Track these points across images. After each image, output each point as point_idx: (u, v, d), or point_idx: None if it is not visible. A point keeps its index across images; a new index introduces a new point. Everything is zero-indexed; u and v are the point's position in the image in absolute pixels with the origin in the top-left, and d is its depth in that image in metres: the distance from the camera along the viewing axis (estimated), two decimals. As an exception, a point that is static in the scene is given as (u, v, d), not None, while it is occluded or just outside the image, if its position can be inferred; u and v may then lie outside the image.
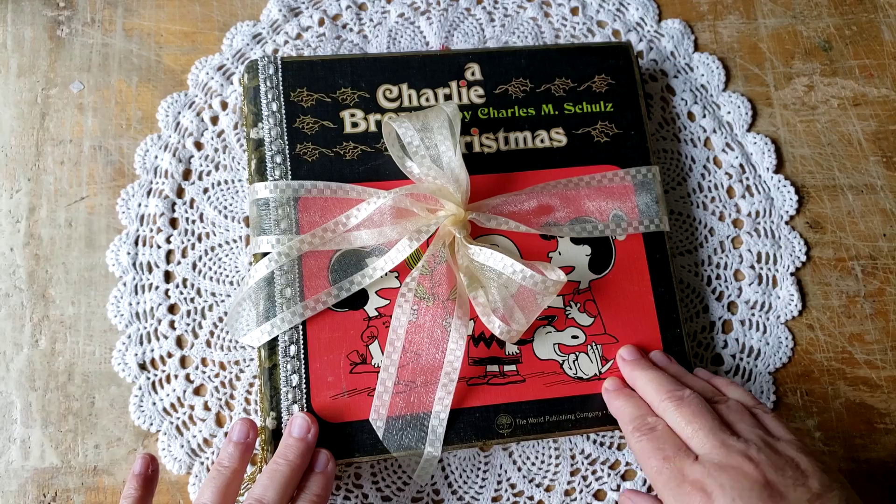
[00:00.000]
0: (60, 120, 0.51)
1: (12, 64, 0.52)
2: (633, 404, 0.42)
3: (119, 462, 0.46)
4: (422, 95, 0.48)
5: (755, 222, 0.52)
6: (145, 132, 0.51)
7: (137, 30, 0.53)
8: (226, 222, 0.50)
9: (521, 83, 0.49)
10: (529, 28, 0.55)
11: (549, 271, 0.41)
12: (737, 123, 0.54)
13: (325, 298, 0.43)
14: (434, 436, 0.42)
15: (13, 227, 0.49)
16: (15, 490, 0.45)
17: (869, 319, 0.51)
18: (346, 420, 0.43)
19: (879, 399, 0.50)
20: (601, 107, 0.50)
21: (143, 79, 0.52)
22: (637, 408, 0.41)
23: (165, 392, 0.47)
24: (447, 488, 0.47)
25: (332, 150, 0.46)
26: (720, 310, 0.51)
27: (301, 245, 0.43)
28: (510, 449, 0.48)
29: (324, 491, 0.40)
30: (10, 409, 0.47)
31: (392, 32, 0.54)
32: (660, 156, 0.53)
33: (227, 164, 0.51)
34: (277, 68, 0.47)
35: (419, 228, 0.43)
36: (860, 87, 0.56)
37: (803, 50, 0.57)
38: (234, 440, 0.41)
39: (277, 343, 0.43)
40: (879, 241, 0.53)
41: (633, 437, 0.40)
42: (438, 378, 0.43)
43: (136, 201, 0.50)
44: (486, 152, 0.48)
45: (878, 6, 0.58)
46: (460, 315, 0.43)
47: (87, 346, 0.48)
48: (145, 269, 0.49)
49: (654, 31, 0.56)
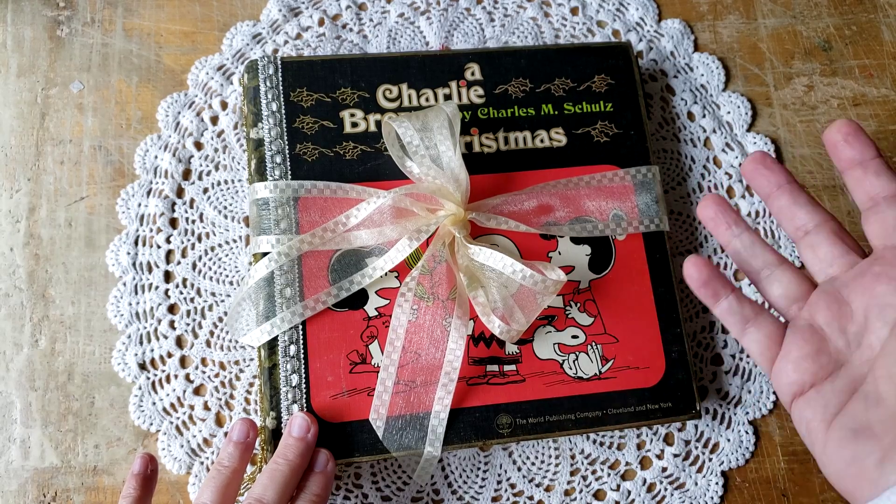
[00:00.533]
0: (60, 120, 0.51)
1: (12, 64, 0.52)
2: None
3: (119, 462, 0.46)
4: (422, 95, 0.48)
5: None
6: (145, 132, 0.51)
7: (137, 30, 0.53)
8: (226, 222, 0.50)
9: (521, 83, 0.49)
10: (529, 28, 0.55)
11: (549, 271, 0.41)
12: (737, 123, 0.54)
13: (324, 298, 0.43)
14: (434, 436, 0.42)
15: (13, 227, 0.49)
16: (15, 490, 0.45)
17: (869, 319, 0.51)
18: (345, 420, 0.43)
19: (879, 399, 0.50)
20: (601, 107, 0.50)
21: (143, 79, 0.52)
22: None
23: (165, 392, 0.47)
24: (447, 488, 0.47)
25: (332, 150, 0.46)
26: (720, 310, 0.51)
27: (301, 245, 0.43)
28: (510, 449, 0.48)
29: (323, 491, 0.40)
30: (10, 409, 0.47)
31: (392, 32, 0.54)
32: (660, 156, 0.53)
33: (227, 164, 0.51)
34: (277, 68, 0.47)
35: (419, 228, 0.43)
36: (860, 87, 0.56)
37: (803, 50, 0.57)
38: (235, 440, 0.41)
39: (277, 343, 0.43)
40: (879, 240, 0.53)
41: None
42: (438, 378, 0.43)
43: (136, 201, 0.50)
44: (486, 152, 0.48)
45: (878, 6, 0.58)
46: (460, 315, 0.43)
47: (87, 346, 0.48)
48: (145, 269, 0.49)
49: (654, 31, 0.56)
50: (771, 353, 0.35)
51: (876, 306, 0.32)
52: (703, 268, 0.36)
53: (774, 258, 0.36)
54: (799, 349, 0.33)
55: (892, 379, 0.30)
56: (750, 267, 0.37)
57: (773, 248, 0.37)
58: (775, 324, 0.35)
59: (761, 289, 0.36)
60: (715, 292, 0.36)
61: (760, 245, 0.37)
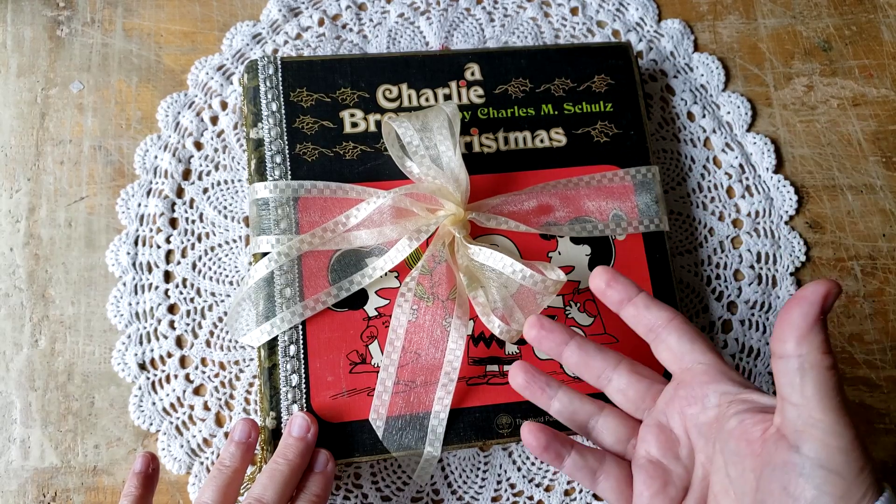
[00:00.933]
0: (60, 120, 0.51)
1: (12, 64, 0.52)
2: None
3: (119, 462, 0.46)
4: (421, 95, 0.48)
5: (755, 222, 0.52)
6: (145, 132, 0.51)
7: (137, 30, 0.53)
8: (226, 222, 0.50)
9: (521, 83, 0.49)
10: (529, 28, 0.55)
11: (549, 271, 0.41)
12: (736, 123, 0.54)
13: (324, 298, 0.43)
14: (434, 436, 0.42)
15: (13, 227, 0.49)
16: (15, 490, 0.45)
17: (868, 319, 0.51)
18: (345, 420, 0.43)
19: (879, 399, 0.50)
20: (601, 107, 0.50)
21: (143, 79, 0.52)
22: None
23: (165, 392, 0.47)
24: (447, 488, 0.47)
25: (332, 150, 0.46)
26: (720, 310, 0.51)
27: (301, 245, 0.43)
28: (510, 449, 0.48)
29: (323, 491, 0.40)
30: (10, 409, 0.47)
31: (392, 32, 0.54)
32: (659, 156, 0.53)
33: (227, 164, 0.51)
34: (277, 68, 0.47)
35: (419, 228, 0.43)
36: (860, 88, 0.56)
37: (803, 50, 0.57)
38: (236, 440, 0.41)
39: (277, 343, 0.43)
40: (879, 241, 0.53)
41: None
42: (438, 378, 0.43)
43: (136, 201, 0.50)
44: (486, 152, 0.48)
45: (878, 6, 0.58)
46: (460, 315, 0.43)
47: (87, 346, 0.48)
48: (145, 269, 0.49)
49: (654, 31, 0.56)
50: (625, 496, 0.37)
51: (693, 427, 0.35)
52: (539, 433, 0.38)
53: (594, 406, 0.39)
54: (648, 487, 0.35)
55: (728, 493, 0.32)
56: (576, 423, 0.39)
57: (590, 398, 0.39)
58: (621, 465, 0.38)
59: (594, 440, 0.39)
60: (558, 454, 0.38)
61: (579, 398, 0.39)
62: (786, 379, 0.29)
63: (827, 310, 0.29)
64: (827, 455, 0.28)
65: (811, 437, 0.28)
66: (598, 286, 0.39)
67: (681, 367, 0.36)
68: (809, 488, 0.28)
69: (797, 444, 0.29)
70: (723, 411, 0.33)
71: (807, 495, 0.28)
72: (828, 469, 0.28)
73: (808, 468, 0.28)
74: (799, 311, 0.29)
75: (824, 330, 0.29)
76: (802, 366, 0.29)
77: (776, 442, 0.30)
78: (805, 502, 0.28)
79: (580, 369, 0.39)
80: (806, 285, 0.29)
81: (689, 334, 0.36)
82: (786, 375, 0.29)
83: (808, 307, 0.29)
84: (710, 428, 0.34)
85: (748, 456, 0.31)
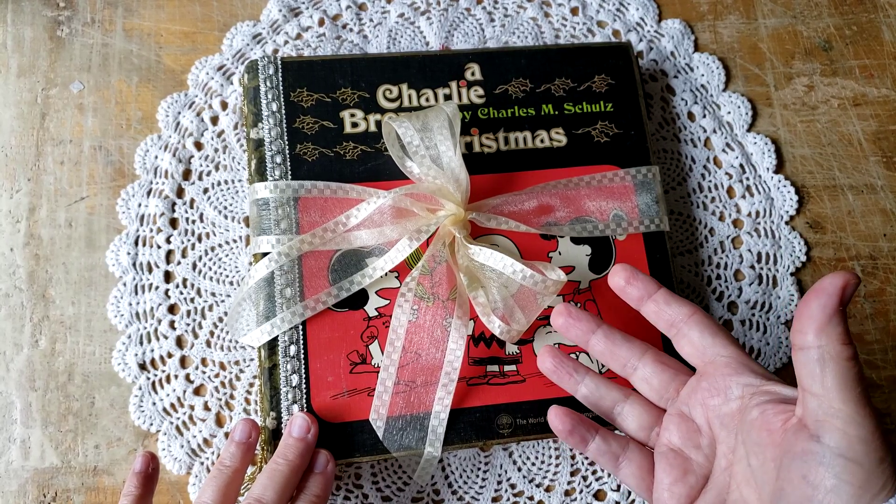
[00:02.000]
0: (60, 120, 0.51)
1: (12, 64, 0.52)
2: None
3: (119, 462, 0.46)
4: (422, 95, 0.48)
5: (755, 222, 0.52)
6: (145, 132, 0.51)
7: (137, 30, 0.53)
8: (226, 222, 0.50)
9: (521, 83, 0.49)
10: (529, 28, 0.55)
11: (550, 271, 0.41)
12: (737, 123, 0.54)
13: (325, 298, 0.43)
14: (434, 436, 0.42)
15: (13, 227, 0.49)
16: (15, 490, 0.45)
17: (869, 319, 0.51)
18: (345, 420, 0.42)
19: (880, 399, 0.50)
20: (601, 107, 0.50)
21: (143, 79, 0.52)
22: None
23: (165, 392, 0.47)
24: (447, 488, 0.47)
25: (332, 150, 0.46)
26: (720, 310, 0.51)
27: (301, 245, 0.43)
28: (510, 449, 0.48)
29: (323, 492, 0.40)
30: (10, 410, 0.47)
31: (392, 32, 0.54)
32: (660, 156, 0.53)
33: (227, 165, 0.51)
34: (277, 68, 0.47)
35: (419, 228, 0.43)
36: (860, 87, 0.56)
37: (803, 50, 0.57)
38: (236, 440, 0.41)
39: (277, 343, 0.43)
40: (879, 240, 0.53)
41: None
42: (438, 378, 0.43)
43: (136, 201, 0.50)
44: (486, 152, 0.48)
45: (878, 6, 0.58)
46: (460, 315, 0.43)
47: (87, 346, 0.48)
48: (145, 270, 0.49)
49: (654, 31, 0.56)
50: (646, 483, 0.37)
51: (715, 417, 0.35)
52: (566, 417, 0.39)
53: (621, 394, 0.39)
54: (668, 475, 0.36)
55: (749, 482, 0.33)
56: (602, 408, 0.40)
57: (617, 385, 0.40)
58: (643, 453, 0.38)
59: (618, 426, 0.40)
60: (582, 438, 0.38)
61: (605, 385, 0.40)
62: (806, 370, 0.30)
63: (845, 301, 0.29)
64: (847, 444, 0.28)
65: (831, 427, 0.29)
66: (618, 284, 0.39)
67: (703, 360, 0.36)
68: (829, 477, 0.28)
69: (818, 434, 0.29)
70: (745, 402, 0.34)
71: (826, 484, 0.28)
72: (847, 458, 0.28)
73: (828, 457, 0.28)
74: (818, 303, 0.29)
75: (844, 321, 0.29)
76: (822, 357, 0.29)
77: (797, 432, 0.30)
78: (825, 491, 0.28)
79: (606, 357, 0.39)
80: (824, 277, 0.30)
81: (711, 328, 0.37)
82: (806, 366, 0.30)
83: (827, 298, 0.29)
84: (733, 419, 0.34)
85: (769, 446, 0.31)
